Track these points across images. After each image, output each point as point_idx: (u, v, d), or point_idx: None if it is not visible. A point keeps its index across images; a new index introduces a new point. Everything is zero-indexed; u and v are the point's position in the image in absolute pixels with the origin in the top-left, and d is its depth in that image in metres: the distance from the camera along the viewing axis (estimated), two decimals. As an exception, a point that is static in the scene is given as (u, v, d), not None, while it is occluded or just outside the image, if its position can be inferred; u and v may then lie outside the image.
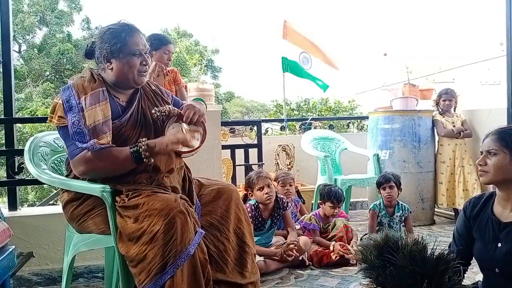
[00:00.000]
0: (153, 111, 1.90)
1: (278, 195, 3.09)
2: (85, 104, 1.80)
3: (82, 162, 1.81)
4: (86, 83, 1.86)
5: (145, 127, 1.95)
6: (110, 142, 1.79)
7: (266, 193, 2.92)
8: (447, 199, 4.13)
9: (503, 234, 1.69)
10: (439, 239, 3.49)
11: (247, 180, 3.09)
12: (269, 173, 3.38)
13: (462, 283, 1.69)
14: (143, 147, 1.79)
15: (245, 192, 3.10)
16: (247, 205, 2.97)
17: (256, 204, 2.98)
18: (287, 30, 5.59)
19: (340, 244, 2.96)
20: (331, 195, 3.17)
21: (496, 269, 1.71)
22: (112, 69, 1.89)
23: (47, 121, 1.92)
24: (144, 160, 1.79)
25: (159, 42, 3.28)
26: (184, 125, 1.94)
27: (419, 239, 1.70)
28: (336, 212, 3.21)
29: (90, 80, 1.88)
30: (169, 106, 1.95)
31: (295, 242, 2.85)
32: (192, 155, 2.07)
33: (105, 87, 1.89)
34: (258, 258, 2.59)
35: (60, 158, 2.28)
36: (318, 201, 3.31)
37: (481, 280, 1.85)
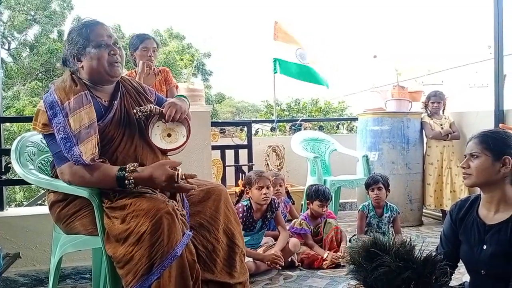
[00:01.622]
0: (134, 111, 1.89)
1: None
2: (69, 109, 1.79)
3: (68, 173, 1.80)
4: (68, 87, 1.84)
5: (129, 126, 1.93)
6: (97, 154, 1.78)
7: (264, 194, 2.90)
8: (435, 200, 4.17)
9: (488, 236, 1.71)
10: (427, 240, 3.53)
11: (247, 177, 3.09)
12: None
13: (449, 284, 1.71)
14: (130, 179, 1.75)
15: (243, 188, 3.09)
16: (239, 205, 2.96)
17: (249, 204, 2.97)
18: (278, 31, 5.60)
19: (333, 255, 2.95)
20: (319, 194, 3.18)
21: (482, 271, 1.73)
22: (83, 67, 1.87)
23: (31, 128, 1.91)
24: (127, 187, 1.77)
25: (136, 40, 3.22)
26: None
27: (407, 241, 1.71)
28: (324, 211, 3.22)
29: (71, 84, 1.86)
30: (150, 105, 1.94)
31: (281, 262, 2.81)
32: (179, 152, 2.06)
33: (87, 90, 1.87)
34: (247, 258, 2.59)
35: (47, 158, 2.26)
36: (307, 201, 3.32)
37: (468, 281, 1.87)
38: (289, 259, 2.97)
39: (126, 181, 1.74)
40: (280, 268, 2.82)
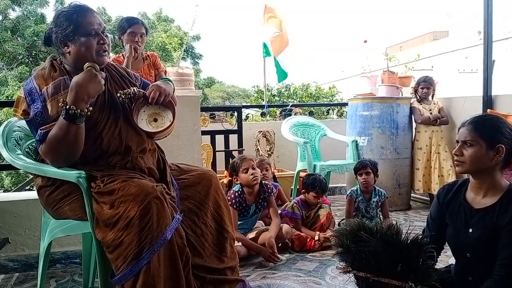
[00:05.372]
0: (118, 94, 1.89)
1: (262, 181, 3.08)
2: (48, 95, 1.80)
3: (44, 154, 1.81)
4: (47, 73, 1.86)
5: (113, 109, 1.93)
6: None
7: (252, 174, 2.91)
8: (423, 184, 4.22)
9: (474, 220, 1.73)
10: (414, 224, 3.58)
11: (231, 166, 3.08)
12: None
13: (436, 266, 1.74)
14: (61, 104, 1.70)
15: (230, 178, 3.08)
16: (231, 191, 2.95)
17: (241, 190, 2.96)
18: (267, 15, 5.56)
19: (323, 235, 2.99)
20: (316, 185, 3.17)
21: (468, 254, 1.75)
22: (69, 52, 1.86)
23: (12, 114, 1.91)
24: (72, 111, 1.68)
25: (125, 24, 3.17)
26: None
27: (393, 224, 1.73)
28: (319, 201, 3.23)
29: (50, 70, 1.87)
30: (134, 88, 1.94)
31: (277, 259, 2.76)
32: (165, 136, 2.06)
33: (67, 75, 1.86)
34: (237, 243, 2.60)
35: (35, 144, 2.24)
36: (302, 191, 3.32)
37: (454, 263, 1.91)
38: (279, 244, 2.99)
39: (68, 111, 1.68)
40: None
